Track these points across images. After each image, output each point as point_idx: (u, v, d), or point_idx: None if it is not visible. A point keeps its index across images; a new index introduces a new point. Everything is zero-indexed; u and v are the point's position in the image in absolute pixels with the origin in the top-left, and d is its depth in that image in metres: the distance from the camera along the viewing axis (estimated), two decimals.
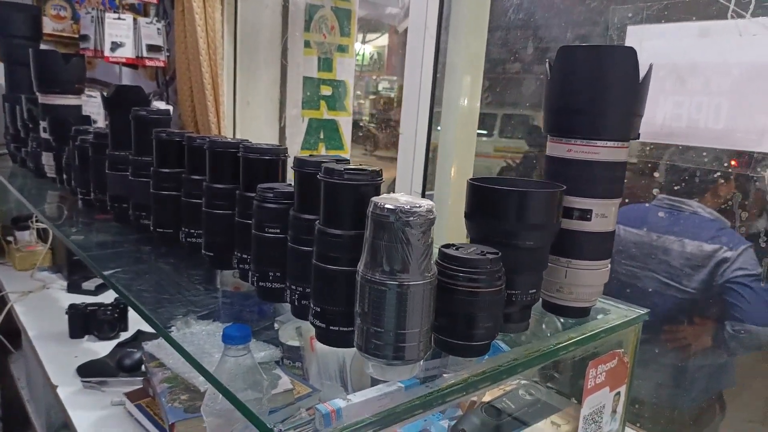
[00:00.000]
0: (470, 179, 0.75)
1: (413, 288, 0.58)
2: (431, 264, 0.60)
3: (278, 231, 0.78)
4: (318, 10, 2.25)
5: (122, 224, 1.25)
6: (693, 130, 0.75)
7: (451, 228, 1.34)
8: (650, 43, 0.93)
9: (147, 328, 1.65)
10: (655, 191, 1.51)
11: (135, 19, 2.04)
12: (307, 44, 2.48)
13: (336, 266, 0.66)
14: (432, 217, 0.57)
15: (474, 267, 0.65)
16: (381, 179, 0.66)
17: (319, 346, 1.16)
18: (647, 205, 2.00)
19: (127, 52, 2.02)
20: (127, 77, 2.48)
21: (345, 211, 0.65)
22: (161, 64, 2.16)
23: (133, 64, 2.18)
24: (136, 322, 1.66)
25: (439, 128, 1.28)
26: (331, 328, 0.67)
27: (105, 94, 1.17)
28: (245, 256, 0.87)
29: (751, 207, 1.40)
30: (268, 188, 0.78)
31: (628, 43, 0.91)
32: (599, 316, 0.86)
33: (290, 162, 0.79)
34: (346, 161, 0.72)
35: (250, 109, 2.33)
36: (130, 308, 1.68)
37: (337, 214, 0.66)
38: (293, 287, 0.74)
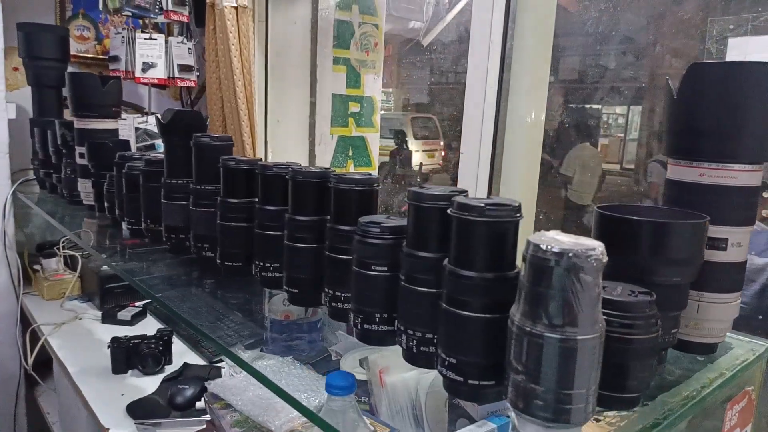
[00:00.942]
0: (599, 207, 0.69)
1: (582, 343, 0.51)
2: (600, 314, 0.53)
3: (385, 269, 0.71)
4: (360, 26, 2.20)
5: (178, 255, 1.19)
6: None
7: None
8: (758, 56, 0.88)
9: (193, 360, 1.58)
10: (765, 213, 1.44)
11: (166, 39, 1.99)
12: (336, 61, 2.43)
13: (471, 312, 0.59)
14: (605, 259, 0.51)
15: (628, 311, 0.58)
16: (521, 215, 0.60)
17: (390, 380, 1.09)
18: None
19: (158, 72, 1.97)
20: (146, 98, 2.42)
21: (482, 251, 0.59)
22: (192, 84, 2.11)
23: (161, 85, 2.13)
24: (180, 355, 1.59)
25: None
26: (469, 382, 0.60)
27: (161, 119, 1.11)
28: (339, 293, 0.81)
29: None
30: (371, 222, 0.72)
31: (729, 57, 0.86)
32: (728, 352, 0.79)
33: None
34: (464, 192, 0.66)
35: (280, 127, 2.28)
36: (174, 339, 1.61)
37: (473, 254, 0.59)
38: (410, 332, 0.67)
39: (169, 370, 1.53)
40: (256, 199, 1.00)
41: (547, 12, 1.19)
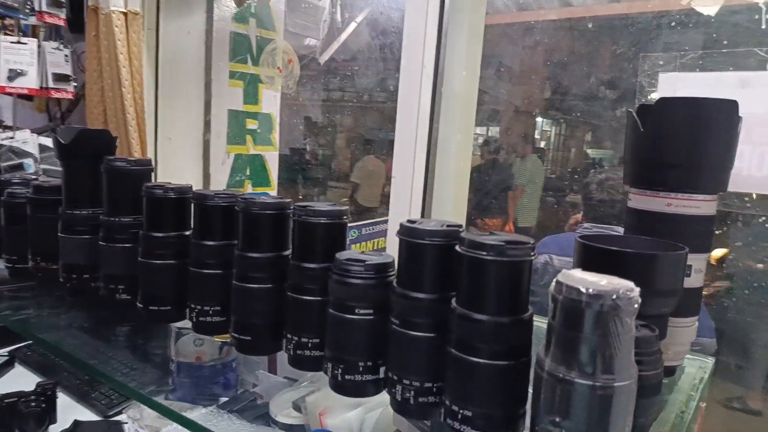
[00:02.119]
0: (581, 237, 0.68)
1: (620, 389, 0.49)
2: (633, 358, 0.51)
3: (371, 312, 0.64)
4: (258, 40, 2.08)
5: (78, 298, 1.01)
6: (736, 177, 0.75)
7: None
8: (686, 91, 0.95)
9: (83, 415, 1.36)
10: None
11: (39, 44, 1.72)
12: (232, 75, 2.29)
13: (486, 359, 0.55)
14: (640, 300, 0.49)
15: (639, 347, 0.57)
16: (536, 253, 0.57)
17: (332, 422, 1.01)
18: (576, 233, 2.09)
19: (29, 81, 1.69)
20: (8, 110, 2.10)
21: (500, 293, 0.55)
22: (69, 96, 1.85)
23: (29, 96, 1.84)
24: (67, 411, 1.36)
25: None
26: None
27: (60, 138, 0.93)
28: (305, 339, 0.72)
29: None
30: (352, 260, 0.65)
31: (660, 91, 0.92)
32: (683, 371, 0.83)
33: None
34: (462, 227, 0.61)
35: (171, 146, 2.08)
36: (59, 393, 1.38)
37: (489, 296, 0.55)
38: (406, 382, 0.61)
39: (56, 430, 1.30)
40: (187, 233, 0.87)
41: (476, 38, 1.21)
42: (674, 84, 0.95)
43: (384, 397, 1.03)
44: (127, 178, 0.91)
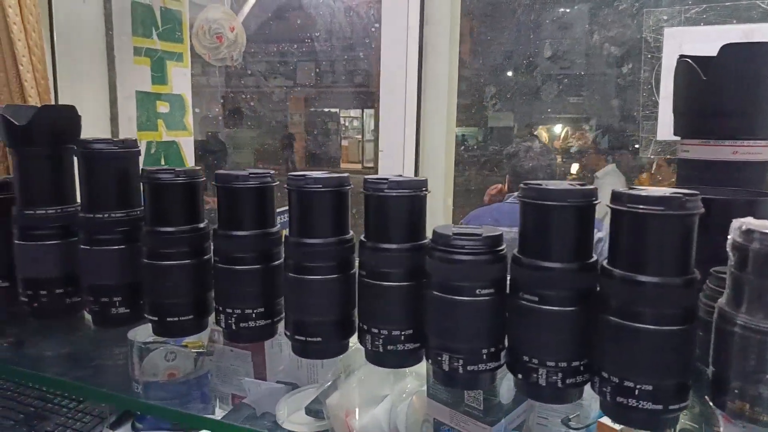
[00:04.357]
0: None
1: None
2: None
3: (492, 292, 0.56)
4: (174, 13, 1.83)
5: (46, 318, 0.81)
6: None
7: None
8: (691, 45, 0.96)
9: None
10: None
11: None
12: (137, 51, 2.01)
13: (667, 326, 0.49)
14: None
15: None
16: None
17: (361, 422, 0.93)
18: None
19: None
20: None
21: (671, 251, 0.50)
22: None
23: None
24: None
25: None
26: (670, 407, 0.50)
27: (11, 119, 0.72)
28: (398, 332, 0.62)
29: None
30: (463, 235, 0.56)
31: (666, 45, 0.93)
32: None
33: None
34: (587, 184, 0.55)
35: None
36: None
37: (657, 257, 0.49)
38: (551, 364, 0.54)
39: None
40: (201, 225, 0.73)
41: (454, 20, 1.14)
42: (679, 39, 0.97)
43: (407, 384, 0.95)
44: (113, 164, 0.73)
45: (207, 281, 0.72)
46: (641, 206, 0.48)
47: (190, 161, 2.30)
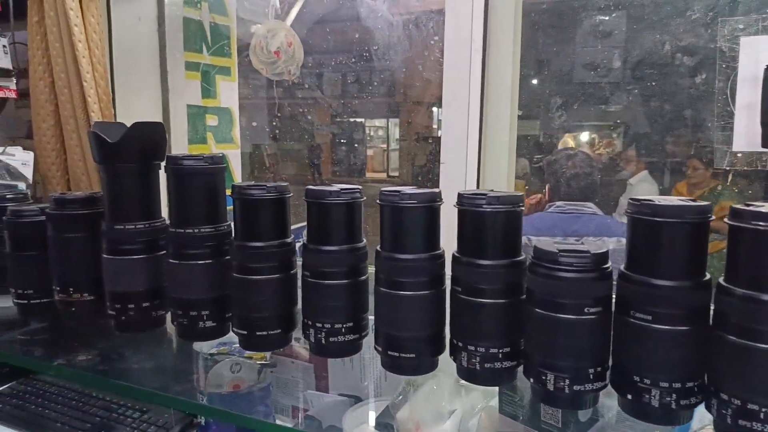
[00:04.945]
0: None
1: None
2: None
3: (600, 310, 0.55)
4: (222, 29, 1.86)
5: (128, 331, 0.82)
6: None
7: None
8: None
9: None
10: None
11: None
12: (188, 66, 2.06)
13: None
14: None
15: None
16: None
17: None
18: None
19: None
20: None
21: None
22: (12, 94, 1.55)
23: None
24: None
25: None
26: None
27: (104, 137, 0.74)
28: (495, 350, 0.61)
29: None
30: (570, 251, 0.55)
31: (742, 55, 0.91)
32: None
33: None
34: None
35: None
36: None
37: None
38: (664, 385, 0.53)
39: None
40: (288, 240, 0.73)
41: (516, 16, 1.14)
42: (756, 48, 0.95)
43: (475, 399, 0.94)
44: (202, 180, 0.74)
45: (294, 296, 0.73)
46: (763, 224, 0.47)
47: (237, 174, 2.33)
